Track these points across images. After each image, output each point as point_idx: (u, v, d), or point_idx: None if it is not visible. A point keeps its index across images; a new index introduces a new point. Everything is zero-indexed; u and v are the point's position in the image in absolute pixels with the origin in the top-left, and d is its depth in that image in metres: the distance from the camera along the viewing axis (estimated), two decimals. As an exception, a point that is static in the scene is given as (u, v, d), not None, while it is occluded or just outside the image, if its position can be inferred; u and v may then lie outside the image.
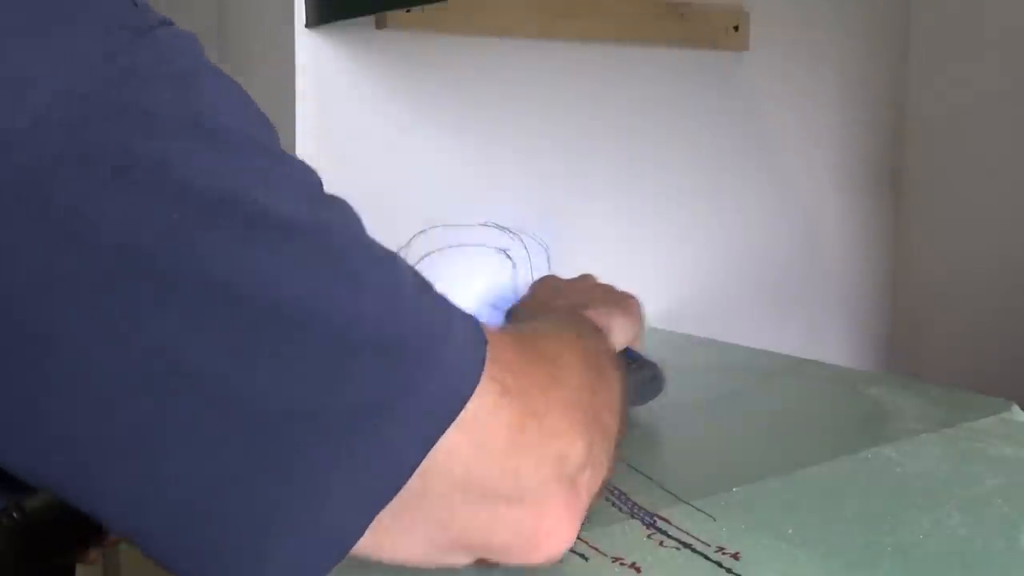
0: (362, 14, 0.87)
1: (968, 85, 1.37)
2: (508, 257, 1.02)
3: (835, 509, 0.59)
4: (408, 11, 0.89)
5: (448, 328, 0.41)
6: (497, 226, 1.01)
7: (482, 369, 0.41)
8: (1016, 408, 0.77)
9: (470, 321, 0.43)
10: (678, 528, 0.55)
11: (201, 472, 0.36)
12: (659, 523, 0.56)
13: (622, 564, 0.51)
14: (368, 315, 0.38)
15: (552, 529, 0.43)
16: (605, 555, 0.52)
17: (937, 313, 1.43)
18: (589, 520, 0.57)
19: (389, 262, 0.41)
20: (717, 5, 1.16)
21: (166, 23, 0.38)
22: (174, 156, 0.35)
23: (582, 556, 0.52)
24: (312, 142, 0.88)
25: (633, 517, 0.57)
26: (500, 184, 1.02)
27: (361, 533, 0.38)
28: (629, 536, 0.55)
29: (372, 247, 0.41)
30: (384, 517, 0.39)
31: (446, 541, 0.42)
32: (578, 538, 0.54)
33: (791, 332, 1.29)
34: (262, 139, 0.40)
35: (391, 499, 0.38)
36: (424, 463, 0.39)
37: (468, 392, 0.40)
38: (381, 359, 0.38)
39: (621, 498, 0.60)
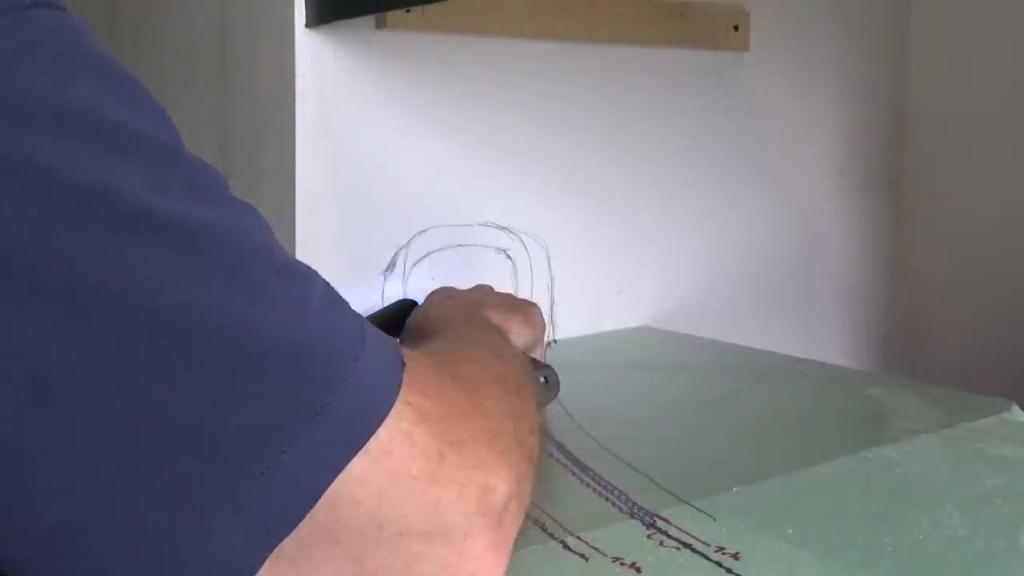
0: (362, 14, 0.87)
1: (968, 85, 1.37)
2: (508, 257, 1.02)
3: (835, 509, 0.59)
4: (408, 11, 0.89)
5: (360, 346, 0.37)
6: (497, 226, 1.01)
7: (397, 392, 0.37)
8: (1016, 408, 0.77)
9: (386, 341, 0.40)
10: (678, 528, 0.55)
11: (74, 496, 0.32)
12: (659, 523, 0.56)
13: (622, 564, 0.51)
14: (266, 326, 0.35)
15: (476, 568, 0.39)
16: (605, 555, 0.52)
17: (937, 313, 1.43)
18: (589, 520, 0.57)
19: (296, 273, 0.38)
20: (717, 5, 1.16)
21: (46, 4, 0.35)
22: (38, 148, 0.32)
23: (582, 556, 0.52)
24: (312, 142, 0.88)
25: (633, 517, 0.57)
26: (500, 184, 1.02)
27: (258, 566, 0.35)
28: (629, 536, 0.55)
29: (277, 255, 0.37)
30: (289, 549, 0.35)
31: None
32: (577, 537, 0.54)
33: (791, 332, 1.29)
34: (152, 134, 0.36)
35: (291, 530, 0.35)
36: (331, 492, 0.35)
37: (380, 416, 0.36)
38: (280, 375, 0.34)
39: (621, 498, 0.60)
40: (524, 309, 0.76)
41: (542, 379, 0.74)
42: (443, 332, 0.65)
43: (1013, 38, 1.32)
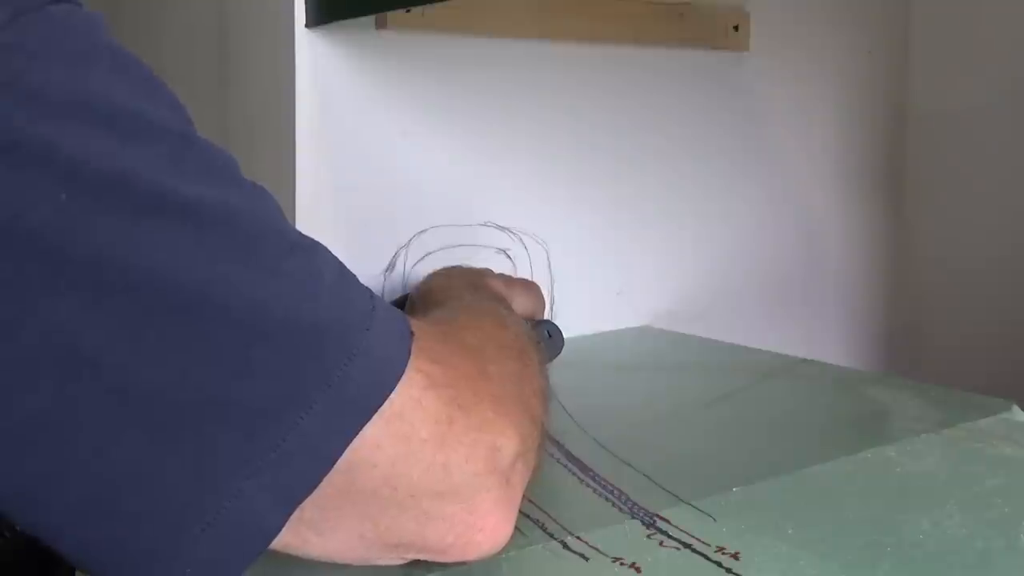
0: (362, 14, 0.87)
1: (968, 85, 1.37)
2: (508, 257, 1.02)
3: (835, 509, 0.59)
4: (408, 11, 0.89)
5: (371, 318, 0.39)
6: (497, 226, 1.01)
7: (406, 360, 0.40)
8: (1016, 408, 0.77)
9: (394, 313, 0.42)
10: (678, 528, 0.55)
11: (104, 465, 0.34)
12: (659, 523, 0.56)
13: (622, 564, 0.51)
14: (279, 302, 0.37)
15: (485, 525, 0.42)
16: (605, 555, 0.52)
17: (937, 313, 1.43)
18: (589, 520, 0.57)
19: (305, 249, 0.40)
20: (717, 5, 1.16)
21: (64, 0, 0.37)
22: (63, 138, 0.34)
23: (582, 556, 0.52)
24: (312, 142, 0.88)
25: (633, 517, 0.57)
26: (500, 184, 1.02)
27: (279, 528, 0.37)
28: (629, 536, 0.54)
29: (288, 233, 0.39)
30: (307, 511, 0.38)
31: (376, 538, 0.40)
32: (577, 538, 0.54)
33: (791, 332, 1.29)
34: (167, 121, 0.38)
35: (309, 493, 0.37)
36: (347, 456, 0.37)
37: (391, 384, 0.39)
38: (295, 347, 0.36)
39: (621, 498, 0.60)
40: (525, 282, 0.79)
41: (546, 333, 0.75)
42: (448, 300, 0.66)
43: (1013, 38, 1.32)
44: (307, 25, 0.87)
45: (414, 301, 0.74)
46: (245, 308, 0.36)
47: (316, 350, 0.37)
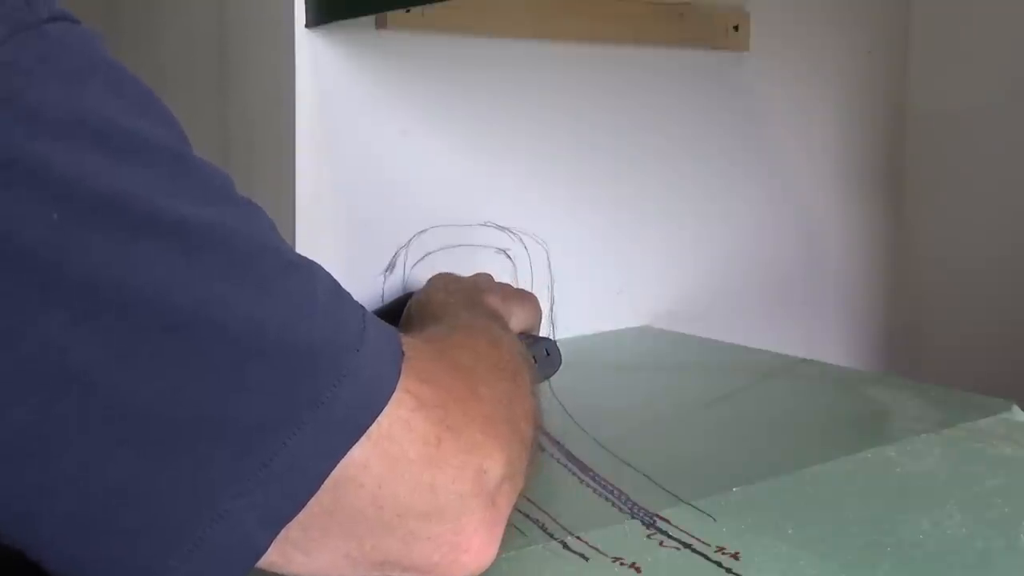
0: (362, 14, 0.87)
1: (968, 85, 1.37)
2: (508, 257, 1.02)
3: (835, 509, 0.59)
4: (408, 11, 0.89)
5: (361, 338, 0.39)
6: (497, 226, 1.01)
7: (396, 381, 0.40)
8: (1016, 408, 0.77)
9: (387, 332, 0.42)
10: (678, 528, 0.55)
11: (94, 481, 0.34)
12: (659, 523, 0.56)
13: (622, 564, 0.51)
14: (272, 321, 0.37)
15: (470, 545, 0.42)
16: (605, 555, 0.52)
17: (937, 313, 1.43)
18: (589, 520, 0.57)
19: (300, 268, 0.40)
20: (717, 5, 1.16)
21: (61, 18, 0.37)
22: (58, 156, 0.34)
23: (582, 556, 0.52)
24: (312, 142, 0.88)
25: (633, 517, 0.57)
26: (500, 184, 1.02)
27: (266, 546, 0.37)
28: (629, 536, 0.55)
29: (282, 252, 0.39)
30: (293, 530, 0.37)
31: (362, 557, 0.40)
32: (577, 538, 0.54)
33: (791, 332, 1.29)
34: (162, 140, 0.38)
35: (297, 512, 0.37)
36: (334, 476, 0.37)
37: (380, 404, 0.39)
38: (287, 367, 0.36)
39: (621, 498, 0.60)
40: (522, 295, 0.78)
41: (544, 351, 0.75)
42: (443, 316, 0.66)
43: (1013, 38, 1.32)
44: (307, 25, 0.87)
45: (411, 311, 0.74)
46: (242, 326, 0.36)
47: (306, 371, 0.37)
